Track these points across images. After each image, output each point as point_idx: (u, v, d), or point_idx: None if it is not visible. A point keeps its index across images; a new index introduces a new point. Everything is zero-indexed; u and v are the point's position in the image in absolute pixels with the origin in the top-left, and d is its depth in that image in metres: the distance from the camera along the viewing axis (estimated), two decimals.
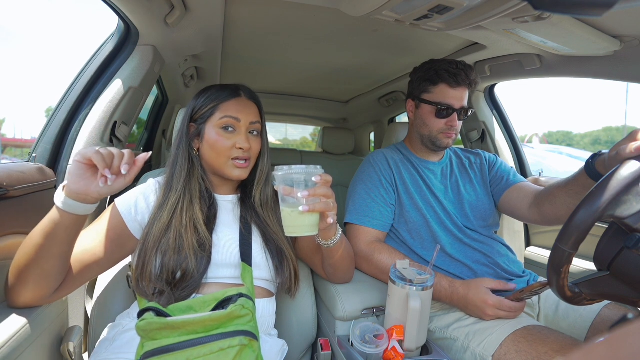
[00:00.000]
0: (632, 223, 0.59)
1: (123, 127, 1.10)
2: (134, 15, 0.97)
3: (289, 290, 0.89)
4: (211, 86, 0.89)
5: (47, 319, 0.84)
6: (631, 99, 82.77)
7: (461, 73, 1.06)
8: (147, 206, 0.81)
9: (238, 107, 0.84)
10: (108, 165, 0.60)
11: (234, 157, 0.83)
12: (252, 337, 0.67)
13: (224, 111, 0.83)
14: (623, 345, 0.15)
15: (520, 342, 0.78)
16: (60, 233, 0.63)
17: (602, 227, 0.73)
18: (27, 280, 0.66)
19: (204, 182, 0.86)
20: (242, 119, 0.83)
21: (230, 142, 0.82)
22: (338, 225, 0.83)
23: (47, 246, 0.63)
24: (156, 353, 0.62)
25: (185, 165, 0.83)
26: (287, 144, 15.70)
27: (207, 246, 0.78)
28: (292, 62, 1.68)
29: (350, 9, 0.94)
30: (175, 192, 0.81)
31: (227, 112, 0.83)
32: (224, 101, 0.84)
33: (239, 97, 0.86)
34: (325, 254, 0.88)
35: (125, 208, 0.79)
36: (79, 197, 0.61)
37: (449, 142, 1.12)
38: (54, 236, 0.63)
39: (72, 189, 0.61)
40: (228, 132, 0.83)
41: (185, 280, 0.74)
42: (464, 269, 1.02)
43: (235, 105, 0.84)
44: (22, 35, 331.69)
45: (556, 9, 0.53)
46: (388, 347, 0.78)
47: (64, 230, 0.63)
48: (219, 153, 0.83)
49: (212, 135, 0.83)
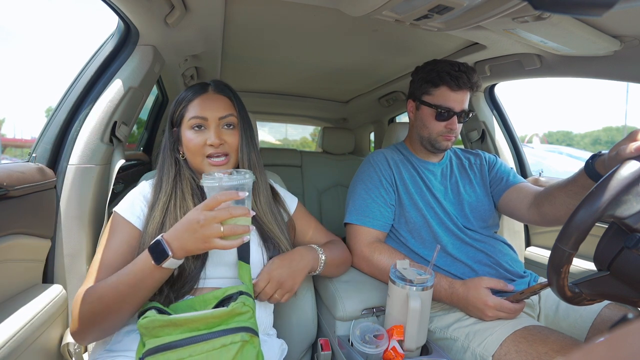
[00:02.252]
0: (632, 223, 0.59)
1: (123, 127, 1.10)
2: (134, 15, 0.97)
3: None
4: (186, 89, 0.89)
5: (47, 319, 0.84)
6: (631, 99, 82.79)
7: (463, 76, 1.05)
8: (147, 204, 0.82)
9: (204, 104, 0.84)
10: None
11: (207, 154, 0.83)
12: (252, 333, 0.67)
13: (191, 111, 0.83)
14: (623, 345, 0.15)
15: (520, 342, 0.78)
16: (150, 284, 0.66)
17: (602, 227, 0.73)
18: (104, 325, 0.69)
19: (195, 181, 0.86)
20: (208, 116, 0.82)
21: (201, 139, 0.82)
22: (319, 256, 0.87)
23: (132, 295, 0.66)
24: (159, 350, 0.62)
25: (172, 169, 0.84)
26: (287, 144, 15.70)
27: None
28: (292, 62, 1.68)
29: (350, 9, 0.94)
30: (165, 192, 0.81)
31: (194, 111, 0.83)
32: (190, 101, 0.84)
33: (205, 94, 0.86)
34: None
35: (129, 214, 0.79)
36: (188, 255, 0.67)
37: (448, 144, 1.12)
38: (142, 287, 0.66)
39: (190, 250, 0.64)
40: (199, 130, 0.83)
41: (182, 278, 0.74)
42: (465, 269, 1.02)
43: (200, 103, 0.84)
44: (22, 35, 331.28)
45: (556, 9, 0.53)
46: (388, 347, 0.78)
47: (154, 282, 0.66)
48: (194, 153, 0.83)
49: (186, 136, 0.83)
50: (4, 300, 0.81)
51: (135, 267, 0.66)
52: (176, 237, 0.64)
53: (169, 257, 0.63)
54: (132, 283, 0.65)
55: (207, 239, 0.62)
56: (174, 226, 0.66)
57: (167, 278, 0.69)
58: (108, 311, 0.66)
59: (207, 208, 0.63)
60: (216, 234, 0.62)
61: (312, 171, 2.11)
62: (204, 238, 0.62)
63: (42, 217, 0.92)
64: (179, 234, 0.64)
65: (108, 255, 0.74)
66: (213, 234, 0.62)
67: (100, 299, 0.66)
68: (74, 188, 0.97)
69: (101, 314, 0.66)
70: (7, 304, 0.79)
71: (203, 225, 0.62)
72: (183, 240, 0.64)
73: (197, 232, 0.63)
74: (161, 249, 0.64)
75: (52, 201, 0.95)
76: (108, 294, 0.66)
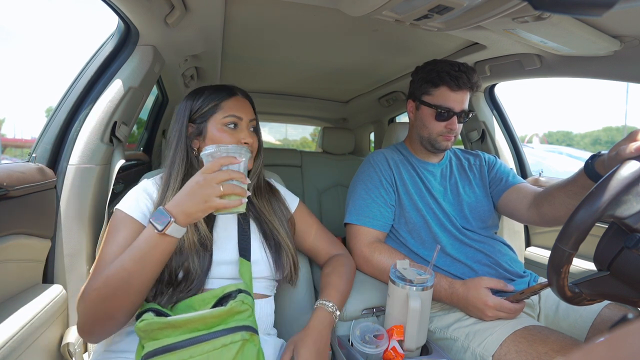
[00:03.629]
0: (632, 223, 0.59)
1: (123, 127, 1.10)
2: (134, 15, 0.97)
3: (289, 280, 0.90)
4: (204, 87, 0.90)
5: (47, 319, 0.84)
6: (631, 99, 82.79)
7: (463, 76, 1.05)
8: (151, 200, 0.81)
9: (238, 105, 0.87)
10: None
11: None
12: (252, 332, 0.67)
13: (227, 110, 0.85)
14: (623, 345, 0.15)
15: (520, 342, 0.78)
16: (156, 256, 0.66)
17: (602, 227, 0.73)
18: (112, 312, 0.66)
19: None
20: (243, 116, 0.86)
21: (234, 138, 0.85)
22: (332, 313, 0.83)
23: (139, 272, 0.65)
24: (158, 353, 0.61)
25: (182, 166, 0.84)
26: (287, 144, 15.71)
27: (208, 245, 0.78)
28: (292, 62, 1.68)
29: (350, 9, 0.94)
30: (173, 191, 0.80)
31: (230, 110, 0.85)
32: (223, 100, 0.86)
33: (236, 96, 0.89)
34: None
35: (133, 210, 0.78)
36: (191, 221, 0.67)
37: (447, 144, 1.12)
38: (147, 260, 0.65)
39: (191, 212, 0.64)
40: (232, 129, 0.85)
41: (188, 280, 0.73)
42: (465, 269, 1.02)
43: (235, 104, 0.87)
44: (22, 35, 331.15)
45: (556, 9, 0.53)
46: (388, 347, 0.78)
47: (160, 254, 0.66)
48: None
49: (216, 133, 0.85)
50: (4, 300, 0.81)
51: (140, 241, 0.65)
52: (177, 203, 0.65)
53: (171, 221, 0.63)
54: (138, 257, 0.64)
55: (207, 197, 0.64)
56: (175, 195, 0.68)
57: (172, 251, 0.68)
58: (115, 293, 0.64)
59: (208, 171, 0.65)
60: (216, 193, 0.64)
61: (312, 171, 2.11)
62: (204, 197, 0.64)
63: (42, 217, 0.92)
64: (180, 199, 0.66)
65: (111, 251, 0.72)
66: (213, 193, 0.64)
67: (106, 282, 0.64)
68: (74, 188, 0.97)
69: (108, 297, 0.64)
70: (7, 304, 0.79)
71: (202, 185, 0.64)
72: (184, 204, 0.65)
73: (196, 194, 0.64)
74: (163, 216, 0.64)
75: (52, 201, 0.95)
76: (114, 275, 0.64)
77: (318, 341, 0.76)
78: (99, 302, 0.64)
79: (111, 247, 0.72)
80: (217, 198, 0.64)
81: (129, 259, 0.64)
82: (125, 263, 0.64)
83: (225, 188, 0.64)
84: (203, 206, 0.64)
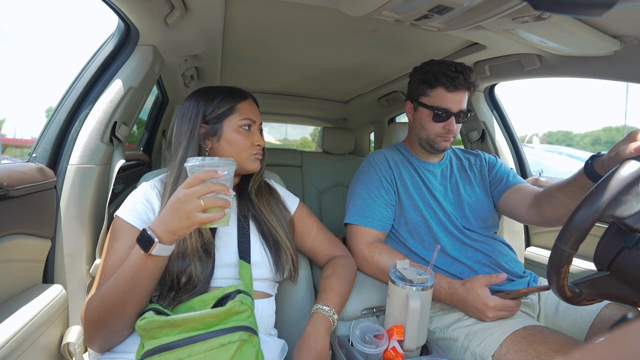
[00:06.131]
0: (632, 223, 0.59)
1: (123, 127, 1.10)
2: (134, 15, 0.97)
3: (290, 278, 0.90)
4: (214, 88, 0.90)
5: (47, 319, 0.84)
6: (631, 99, 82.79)
7: (459, 76, 1.05)
8: (150, 207, 0.81)
9: (252, 108, 0.91)
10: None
11: (254, 153, 0.89)
12: (251, 332, 0.67)
13: (243, 113, 0.88)
14: (623, 345, 0.15)
15: (520, 342, 0.78)
16: (146, 275, 0.66)
17: (602, 227, 0.73)
18: (111, 326, 0.69)
19: None
20: (256, 120, 0.91)
21: (249, 140, 0.88)
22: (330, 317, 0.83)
23: (132, 291, 0.66)
24: (157, 351, 0.62)
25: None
26: (287, 144, 15.71)
27: (211, 251, 0.78)
28: (292, 62, 1.68)
29: (350, 9, 0.94)
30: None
31: (245, 113, 0.88)
32: (239, 102, 0.89)
33: (249, 99, 0.92)
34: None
35: (132, 217, 0.78)
36: (177, 239, 0.66)
37: (446, 145, 1.12)
38: (138, 280, 0.66)
39: (174, 230, 0.64)
40: (246, 131, 0.88)
41: (191, 284, 0.74)
42: (465, 270, 1.02)
43: (249, 107, 0.90)
44: (22, 35, 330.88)
45: (556, 9, 0.53)
46: (388, 347, 0.78)
47: (150, 273, 0.66)
48: (240, 150, 0.87)
49: (232, 134, 0.87)
50: (4, 300, 0.81)
51: (129, 261, 0.66)
52: (160, 222, 0.64)
53: (155, 242, 0.63)
54: (129, 277, 0.65)
55: (189, 214, 0.62)
56: (159, 214, 0.68)
57: (163, 267, 0.68)
58: (112, 312, 0.66)
59: (188, 186, 0.64)
60: (197, 208, 0.62)
61: (312, 171, 2.11)
62: (186, 214, 0.62)
63: (42, 217, 0.92)
64: (163, 217, 0.65)
65: (112, 261, 0.73)
66: (194, 208, 0.62)
67: (102, 301, 0.67)
68: (74, 188, 0.97)
69: (106, 315, 0.67)
70: (7, 304, 0.79)
71: (184, 201, 0.62)
72: (167, 223, 0.64)
73: (179, 210, 0.63)
74: (147, 237, 0.64)
75: (52, 201, 0.95)
76: (109, 294, 0.66)
77: (313, 348, 0.76)
78: (98, 320, 0.67)
79: (111, 258, 0.74)
80: (199, 213, 0.62)
81: (121, 279, 0.66)
82: (119, 283, 0.66)
83: (206, 202, 0.63)
84: (186, 222, 0.63)
